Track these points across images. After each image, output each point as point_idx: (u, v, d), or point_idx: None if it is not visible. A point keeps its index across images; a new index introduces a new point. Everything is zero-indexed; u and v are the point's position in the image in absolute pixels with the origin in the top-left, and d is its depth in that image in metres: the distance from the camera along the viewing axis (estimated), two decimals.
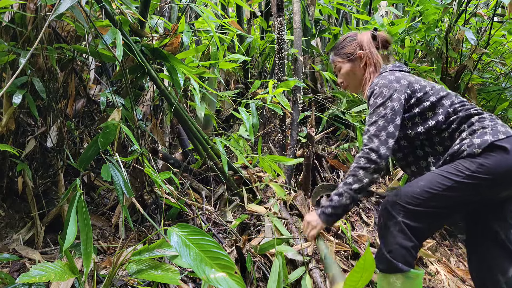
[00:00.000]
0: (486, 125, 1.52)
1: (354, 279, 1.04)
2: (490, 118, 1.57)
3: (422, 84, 1.66)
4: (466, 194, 1.47)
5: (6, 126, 1.67)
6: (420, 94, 1.63)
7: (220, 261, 1.22)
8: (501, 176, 1.43)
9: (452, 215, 1.57)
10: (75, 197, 1.30)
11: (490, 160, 1.43)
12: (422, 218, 1.48)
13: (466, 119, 1.58)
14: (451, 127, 1.60)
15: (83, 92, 2.20)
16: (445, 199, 1.47)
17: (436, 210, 1.49)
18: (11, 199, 1.89)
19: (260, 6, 3.87)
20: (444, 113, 1.60)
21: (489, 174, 1.42)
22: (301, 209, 2.40)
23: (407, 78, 1.67)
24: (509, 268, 1.54)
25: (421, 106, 1.62)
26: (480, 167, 1.43)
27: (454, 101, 1.62)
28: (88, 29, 1.69)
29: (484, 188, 1.45)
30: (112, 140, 1.53)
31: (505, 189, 1.49)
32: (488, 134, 1.48)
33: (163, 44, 2.03)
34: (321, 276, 1.79)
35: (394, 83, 1.63)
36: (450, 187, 1.46)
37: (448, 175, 1.47)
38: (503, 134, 1.46)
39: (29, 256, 1.62)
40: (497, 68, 3.36)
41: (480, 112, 1.60)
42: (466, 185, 1.45)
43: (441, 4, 2.84)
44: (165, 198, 1.94)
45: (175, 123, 2.67)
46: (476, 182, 1.43)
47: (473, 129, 1.54)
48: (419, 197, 1.48)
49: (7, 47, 1.68)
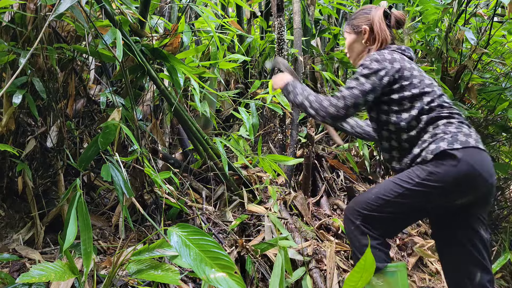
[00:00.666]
0: (448, 131, 1.48)
1: (354, 279, 1.04)
2: (458, 124, 1.52)
3: (414, 74, 1.60)
4: (417, 201, 1.49)
5: (6, 126, 1.67)
6: (405, 82, 1.58)
7: (220, 261, 1.22)
8: (450, 185, 1.42)
9: (408, 219, 1.61)
10: (75, 197, 1.30)
11: (440, 168, 1.42)
12: (378, 222, 1.51)
13: (434, 121, 1.53)
14: (418, 126, 1.55)
15: (83, 92, 2.19)
16: (398, 205, 1.49)
17: (390, 215, 1.51)
18: (11, 199, 1.89)
19: (260, 6, 3.87)
20: (419, 108, 1.55)
21: (439, 182, 1.42)
22: (301, 209, 2.40)
23: (402, 62, 1.61)
24: (476, 273, 1.53)
25: (401, 94, 1.57)
26: (429, 175, 1.43)
27: (434, 99, 1.56)
28: (88, 29, 1.69)
29: (435, 196, 1.46)
30: (112, 140, 1.54)
31: (458, 197, 1.47)
32: (445, 141, 1.45)
33: (163, 44, 2.03)
34: (321, 276, 1.79)
35: (387, 62, 1.59)
36: (401, 194, 1.47)
37: (400, 182, 1.49)
38: (460, 144, 1.42)
39: (29, 256, 1.62)
40: (497, 68, 3.36)
41: (452, 115, 1.54)
42: (416, 192, 1.45)
43: (441, 4, 2.84)
44: (165, 198, 1.94)
45: (175, 123, 2.67)
46: (426, 190, 1.43)
47: (435, 133, 1.50)
48: (373, 203, 1.51)
49: (7, 47, 1.68)
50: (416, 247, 2.51)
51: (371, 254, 1.08)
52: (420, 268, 2.50)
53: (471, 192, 1.46)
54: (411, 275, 2.37)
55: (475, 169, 1.40)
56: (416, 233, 2.82)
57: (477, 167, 1.40)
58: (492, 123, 3.24)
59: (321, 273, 1.83)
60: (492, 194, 1.52)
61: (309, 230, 2.23)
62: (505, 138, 3.39)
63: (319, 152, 3.13)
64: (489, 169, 1.45)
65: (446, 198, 1.48)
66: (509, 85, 3.05)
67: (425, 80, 1.60)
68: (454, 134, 1.46)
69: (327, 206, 2.67)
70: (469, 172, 1.40)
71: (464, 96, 3.03)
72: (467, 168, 1.40)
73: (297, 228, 2.19)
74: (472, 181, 1.42)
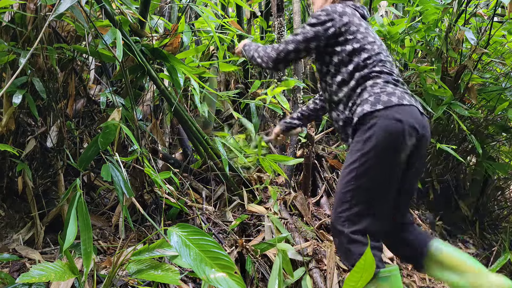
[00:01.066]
0: (372, 93, 1.52)
1: (354, 279, 1.04)
2: (383, 84, 1.55)
3: (360, 30, 1.64)
4: (375, 172, 1.48)
5: (6, 126, 1.67)
6: (350, 36, 1.62)
7: (220, 261, 1.22)
8: (385, 144, 1.44)
9: (388, 193, 1.54)
10: (75, 197, 1.30)
11: (369, 132, 1.46)
12: (362, 215, 1.48)
13: (363, 81, 1.57)
14: (351, 83, 1.59)
15: (83, 92, 2.19)
16: (366, 187, 1.49)
17: (370, 199, 1.49)
18: (11, 199, 1.89)
19: (260, 6, 3.87)
20: (355, 64, 1.59)
21: (375, 146, 1.44)
22: (301, 209, 2.40)
23: (352, 17, 1.66)
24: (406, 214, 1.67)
25: (343, 47, 1.62)
26: (364, 143, 1.46)
27: (371, 56, 1.59)
28: (88, 29, 1.69)
29: (381, 158, 1.46)
30: (112, 140, 1.53)
31: (400, 151, 1.48)
32: (369, 103, 1.49)
33: (163, 44, 2.03)
34: (321, 276, 1.79)
35: (336, 14, 1.64)
36: (357, 175, 1.48)
37: (349, 166, 1.51)
38: (382, 104, 1.46)
39: (29, 256, 1.62)
40: (497, 68, 3.36)
41: (379, 75, 1.57)
42: (367, 165, 1.46)
43: (441, 4, 2.84)
44: (165, 198, 1.94)
45: (175, 123, 2.67)
46: (371, 157, 1.45)
47: (362, 95, 1.54)
48: (347, 199, 1.49)
49: (7, 47, 1.68)
50: None
51: (371, 254, 1.08)
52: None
53: (404, 146, 1.47)
54: (411, 275, 2.36)
55: (398, 124, 1.43)
56: None
57: (401, 122, 1.44)
58: (492, 123, 3.24)
59: (321, 273, 1.83)
60: (424, 145, 1.55)
61: (309, 230, 2.23)
62: (505, 138, 3.39)
63: (319, 152, 3.13)
64: (416, 121, 1.47)
65: (393, 157, 1.48)
66: (509, 85, 3.05)
67: (368, 38, 1.64)
68: (377, 95, 1.50)
69: (327, 206, 2.67)
70: (394, 128, 1.43)
71: (464, 96, 3.03)
72: (391, 124, 1.44)
73: (297, 228, 2.19)
74: (400, 136, 1.44)
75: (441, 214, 3.37)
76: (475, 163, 3.57)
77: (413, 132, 1.45)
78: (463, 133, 3.22)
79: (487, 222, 3.58)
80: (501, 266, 2.64)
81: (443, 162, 3.35)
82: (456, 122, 2.88)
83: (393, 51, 3.18)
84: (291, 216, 2.28)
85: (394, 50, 3.16)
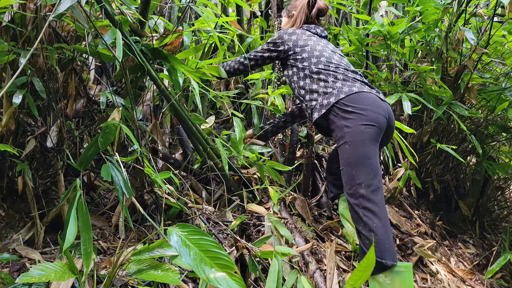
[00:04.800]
0: (335, 87, 1.85)
1: (355, 278, 1.04)
2: (343, 78, 1.87)
3: (308, 43, 2.04)
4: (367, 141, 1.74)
5: (6, 126, 1.67)
6: (298, 49, 2.04)
7: (220, 261, 1.22)
8: (357, 126, 1.74)
9: (375, 157, 1.79)
10: (75, 197, 1.30)
11: (342, 120, 1.78)
12: (373, 182, 1.69)
13: (322, 79, 1.91)
14: (311, 82, 1.95)
15: (83, 92, 2.19)
16: (362, 154, 1.73)
17: (366, 162, 1.72)
18: (11, 199, 1.89)
19: (260, 6, 3.87)
20: (308, 68, 1.97)
21: (352, 127, 1.76)
22: (301, 212, 2.40)
23: (300, 36, 2.08)
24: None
25: (296, 57, 2.04)
26: (347, 128, 1.76)
27: (321, 61, 1.95)
28: (88, 29, 1.69)
29: (371, 135, 1.74)
30: (112, 140, 1.53)
31: (379, 131, 1.77)
32: (333, 96, 1.82)
33: (163, 44, 2.03)
34: (321, 276, 1.79)
35: (286, 35, 2.10)
36: (351, 148, 1.77)
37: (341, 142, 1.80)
38: (344, 93, 1.80)
39: (29, 256, 1.62)
40: (497, 68, 3.36)
41: (337, 73, 1.90)
42: (356, 140, 1.74)
43: (441, 4, 2.84)
44: (165, 198, 1.94)
45: (175, 123, 2.66)
46: (352, 138, 1.74)
47: (324, 91, 1.87)
48: (355, 174, 1.72)
49: (7, 47, 1.68)
50: (416, 247, 2.51)
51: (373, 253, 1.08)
52: (420, 268, 2.49)
53: (373, 126, 1.75)
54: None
55: (361, 108, 1.75)
56: (416, 233, 2.82)
57: (363, 106, 1.75)
58: (492, 123, 3.24)
59: (321, 273, 1.83)
60: (388, 126, 1.84)
61: (309, 230, 2.23)
62: (505, 138, 3.39)
63: (319, 152, 3.13)
64: (375, 105, 1.77)
65: (376, 136, 1.77)
66: (509, 85, 3.05)
67: (317, 47, 2.02)
68: (339, 88, 1.83)
69: (327, 206, 2.67)
70: (359, 111, 1.74)
71: (464, 96, 3.03)
72: (355, 109, 1.75)
73: (297, 228, 2.19)
74: (366, 116, 1.74)
75: (441, 214, 3.37)
76: (475, 163, 3.57)
77: (376, 114, 1.79)
78: (463, 133, 3.22)
79: (487, 222, 3.58)
80: (501, 266, 2.64)
81: (443, 162, 3.35)
82: (456, 122, 2.88)
83: (393, 51, 3.18)
84: (291, 216, 2.28)
85: (394, 50, 3.16)
